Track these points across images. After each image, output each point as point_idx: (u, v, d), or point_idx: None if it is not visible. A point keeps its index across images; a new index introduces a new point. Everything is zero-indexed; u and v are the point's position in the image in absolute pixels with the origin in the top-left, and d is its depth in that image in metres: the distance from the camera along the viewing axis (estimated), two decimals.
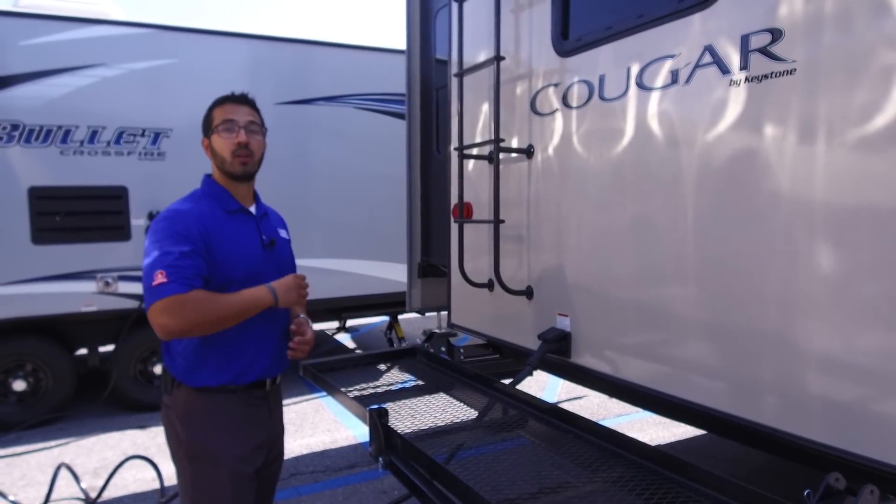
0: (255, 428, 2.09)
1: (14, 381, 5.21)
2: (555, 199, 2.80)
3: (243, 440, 2.04)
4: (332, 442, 4.87)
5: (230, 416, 2.03)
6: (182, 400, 2.03)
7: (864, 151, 1.67)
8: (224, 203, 2.10)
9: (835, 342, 1.75)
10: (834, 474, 1.52)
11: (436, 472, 1.96)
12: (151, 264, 1.87)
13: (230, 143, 2.06)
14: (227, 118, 2.07)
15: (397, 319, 7.28)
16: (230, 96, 2.15)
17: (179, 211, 2.00)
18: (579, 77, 2.63)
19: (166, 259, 1.86)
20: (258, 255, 2.12)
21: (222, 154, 2.07)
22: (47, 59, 5.06)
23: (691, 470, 1.85)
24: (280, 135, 5.97)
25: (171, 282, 1.83)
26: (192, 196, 2.11)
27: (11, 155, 4.99)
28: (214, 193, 2.11)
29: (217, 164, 2.11)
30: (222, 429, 2.02)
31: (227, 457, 2.00)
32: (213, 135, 2.08)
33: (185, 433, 2.01)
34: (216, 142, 2.08)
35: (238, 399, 2.05)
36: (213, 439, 2.00)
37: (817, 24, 1.76)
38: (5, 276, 5.00)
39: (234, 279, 2.00)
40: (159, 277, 1.82)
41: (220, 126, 2.06)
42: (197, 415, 2.01)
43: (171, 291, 1.82)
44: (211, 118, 2.11)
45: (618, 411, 5.29)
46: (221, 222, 2.05)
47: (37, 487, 4.08)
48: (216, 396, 2.02)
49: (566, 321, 2.75)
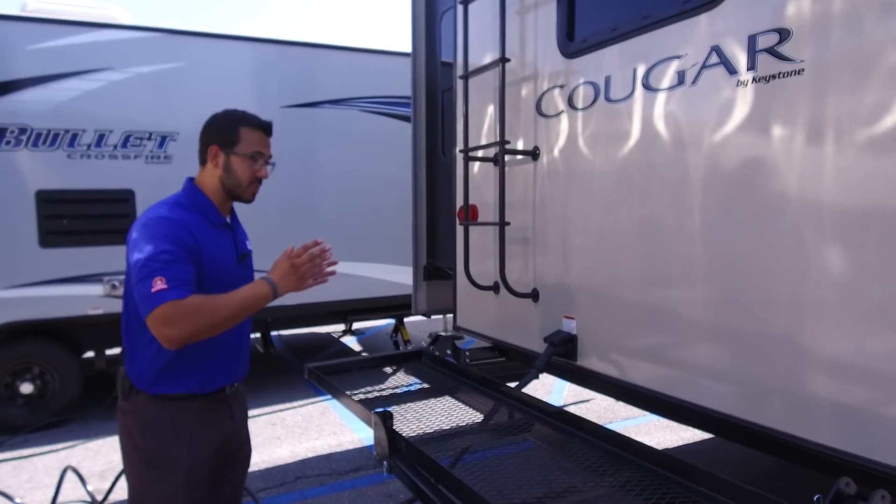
0: (215, 431, 2.06)
1: (21, 383, 5.23)
2: (561, 201, 2.79)
3: (202, 446, 2.01)
4: (337, 445, 4.87)
5: (189, 423, 2.00)
6: (141, 407, 1.99)
7: (874, 152, 1.65)
8: (210, 216, 2.08)
9: (844, 345, 1.73)
10: (844, 479, 1.50)
11: (441, 475, 1.95)
12: (149, 270, 1.81)
13: (252, 174, 2.09)
14: (259, 150, 2.10)
15: (403, 322, 7.27)
16: (265, 124, 2.14)
17: (172, 220, 1.95)
18: (585, 78, 2.62)
19: (165, 265, 1.82)
20: (234, 268, 2.12)
21: (240, 178, 2.07)
22: (55, 63, 5.09)
23: (699, 474, 1.83)
24: (286, 138, 5.98)
25: (171, 288, 1.79)
26: (178, 204, 2.05)
27: (19, 159, 5.01)
28: (202, 205, 2.08)
29: (227, 183, 2.08)
30: (181, 436, 1.98)
31: (185, 464, 1.96)
32: (235, 155, 2.06)
33: (142, 440, 1.98)
34: (238, 164, 2.06)
35: (198, 405, 2.02)
36: (172, 447, 1.97)
37: (825, 23, 1.74)
38: (13, 280, 5.02)
39: (214, 292, 1.96)
40: (159, 284, 1.79)
41: (251, 154, 2.07)
42: (156, 423, 1.98)
43: (170, 297, 1.77)
44: (238, 136, 2.06)
45: (624, 415, 5.26)
46: (207, 235, 2.03)
47: (43, 490, 4.09)
48: (176, 404, 1.98)
49: (572, 324, 2.73)
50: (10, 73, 4.97)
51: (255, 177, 2.10)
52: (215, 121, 2.11)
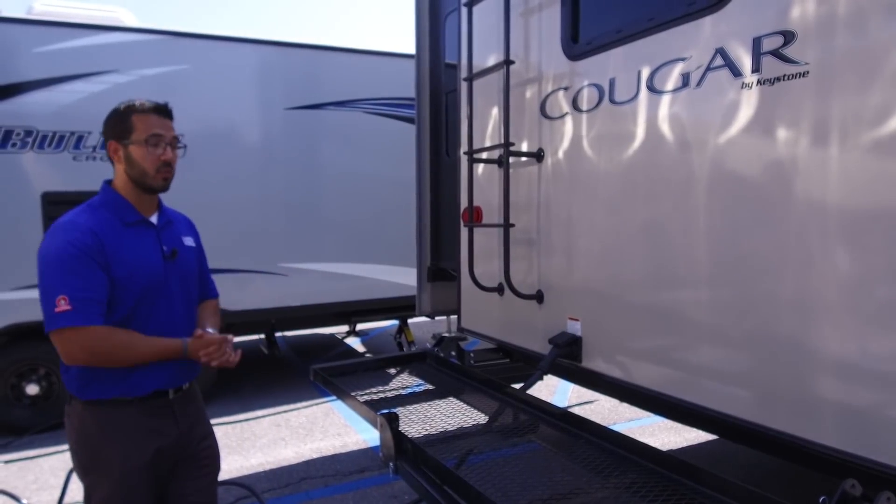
0: (156, 436, 2.04)
1: (27, 385, 5.25)
2: (565, 203, 2.80)
3: (139, 450, 2.00)
4: (342, 446, 4.87)
5: (121, 428, 1.99)
6: (77, 412, 2.00)
7: (879, 154, 1.65)
8: (122, 214, 2.04)
9: (850, 346, 1.73)
10: (850, 481, 1.50)
11: (447, 477, 1.95)
12: (52, 286, 1.85)
13: (156, 159, 2.03)
14: (155, 132, 2.03)
15: (407, 323, 7.28)
16: (155, 107, 2.08)
17: (77, 224, 1.94)
18: (589, 80, 2.62)
19: (70, 285, 1.84)
20: (158, 267, 2.06)
21: (144, 167, 2.02)
22: (60, 66, 5.11)
23: (704, 475, 1.83)
24: (290, 140, 6.02)
25: (75, 311, 1.83)
26: (90, 206, 2.03)
27: (25, 161, 5.04)
28: (113, 204, 2.05)
29: (132, 175, 2.04)
30: (114, 441, 1.97)
31: (116, 470, 1.96)
32: (132, 145, 2.01)
33: (77, 446, 2.00)
34: (137, 153, 2.01)
35: (133, 409, 2.00)
36: (104, 451, 1.97)
37: (830, 26, 1.74)
38: (19, 281, 5.04)
39: (133, 292, 1.97)
40: (62, 304, 1.82)
41: (146, 139, 2.01)
42: (89, 428, 1.98)
43: (72, 322, 1.82)
44: (130, 125, 2.02)
45: (629, 416, 5.26)
46: (118, 235, 1.99)
47: (49, 491, 4.10)
48: (108, 409, 1.98)
49: (577, 325, 2.74)
50: (16, 76, 5.00)
51: (159, 161, 2.03)
52: (108, 117, 2.07)
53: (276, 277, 5.93)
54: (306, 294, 6.09)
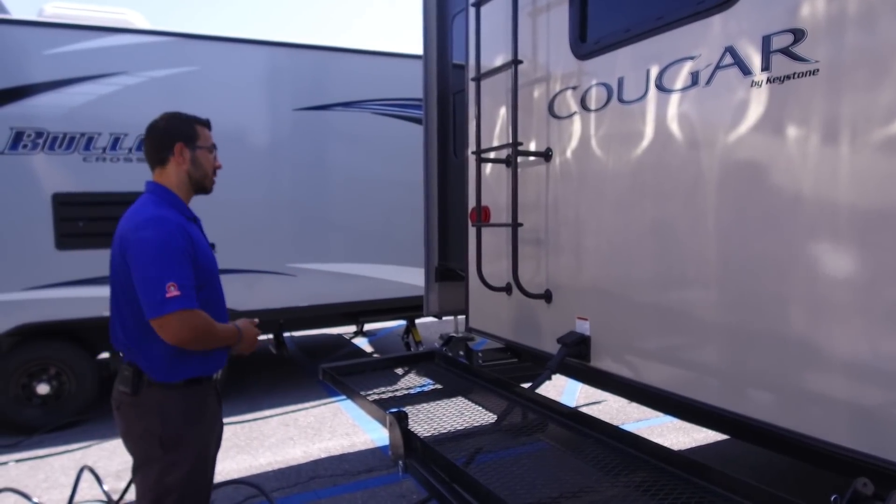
0: (215, 413, 2.32)
1: (38, 384, 5.28)
2: (573, 202, 2.80)
3: (207, 427, 2.23)
4: (350, 446, 4.88)
5: (197, 406, 2.20)
6: (157, 397, 2.13)
7: (889, 153, 1.64)
8: (185, 211, 2.26)
9: (860, 346, 1.73)
10: (861, 479, 1.49)
11: (456, 475, 1.96)
12: (160, 275, 2.01)
13: (212, 164, 2.33)
14: (213, 143, 2.33)
15: (414, 323, 7.29)
16: (209, 122, 2.36)
17: (167, 219, 2.12)
18: (598, 80, 2.62)
19: (176, 273, 2.03)
20: (213, 256, 2.32)
21: (206, 169, 2.30)
22: (70, 68, 5.15)
23: (714, 474, 1.83)
24: (298, 140, 6.03)
25: (184, 296, 2.02)
26: (156, 203, 2.20)
27: (36, 162, 5.07)
28: (176, 203, 2.24)
29: (195, 175, 2.27)
30: (191, 419, 2.17)
31: (197, 444, 2.18)
32: (199, 149, 2.27)
33: (158, 427, 2.12)
34: (203, 157, 2.28)
35: (202, 389, 2.22)
36: (185, 429, 2.15)
37: (840, 23, 1.74)
38: (30, 282, 5.08)
39: (205, 280, 2.18)
40: (172, 290, 2.00)
41: (209, 146, 2.30)
42: (172, 409, 2.13)
43: (183, 305, 2.01)
44: (196, 133, 2.27)
45: (637, 416, 5.24)
46: (191, 229, 2.21)
47: (60, 490, 4.13)
48: (185, 390, 2.16)
49: (586, 325, 2.74)
50: (26, 78, 5.04)
51: (215, 167, 2.34)
52: (171, 122, 2.27)
53: (284, 278, 5.95)
54: (314, 294, 6.11)
